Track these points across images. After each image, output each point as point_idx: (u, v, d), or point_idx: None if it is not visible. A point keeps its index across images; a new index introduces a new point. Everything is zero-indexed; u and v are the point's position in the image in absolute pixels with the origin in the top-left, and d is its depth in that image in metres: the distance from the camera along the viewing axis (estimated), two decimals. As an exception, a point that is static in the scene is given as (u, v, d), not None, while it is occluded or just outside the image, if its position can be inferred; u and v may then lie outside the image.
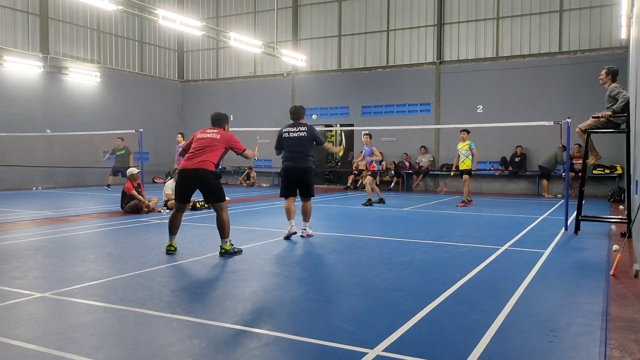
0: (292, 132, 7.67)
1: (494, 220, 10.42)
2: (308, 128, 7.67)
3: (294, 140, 7.64)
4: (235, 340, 3.51)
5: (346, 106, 20.68)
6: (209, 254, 6.51)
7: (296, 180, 7.69)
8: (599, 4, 16.86)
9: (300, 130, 7.65)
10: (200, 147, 6.47)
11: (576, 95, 16.68)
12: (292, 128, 7.73)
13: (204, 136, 6.58)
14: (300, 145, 7.61)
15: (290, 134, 7.67)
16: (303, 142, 7.61)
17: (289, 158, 7.70)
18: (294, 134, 7.66)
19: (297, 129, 7.69)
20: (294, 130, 7.68)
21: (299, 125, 7.73)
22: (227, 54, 23.42)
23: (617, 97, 7.70)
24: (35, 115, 18.44)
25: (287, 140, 7.69)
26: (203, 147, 6.46)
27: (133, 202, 10.92)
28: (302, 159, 7.63)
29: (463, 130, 13.49)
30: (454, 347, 3.40)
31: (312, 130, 7.68)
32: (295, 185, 7.74)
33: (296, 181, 7.70)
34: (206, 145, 6.47)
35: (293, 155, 7.65)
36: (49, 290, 4.71)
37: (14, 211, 11.35)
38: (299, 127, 7.70)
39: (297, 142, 7.61)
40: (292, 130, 7.70)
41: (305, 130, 7.63)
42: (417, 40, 19.68)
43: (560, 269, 5.89)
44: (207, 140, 6.51)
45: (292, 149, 7.64)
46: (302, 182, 7.70)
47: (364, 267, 5.86)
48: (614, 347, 3.42)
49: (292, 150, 7.65)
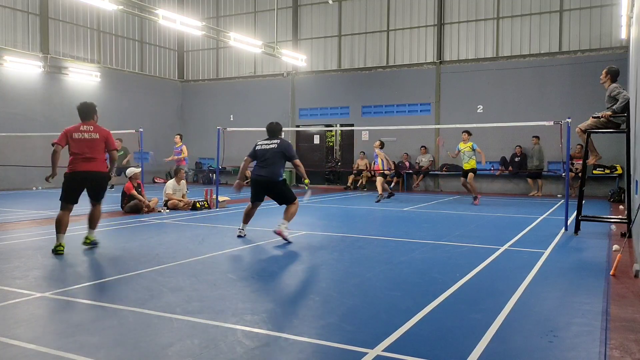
0: (265, 145, 7.78)
1: (494, 220, 10.42)
2: (281, 142, 7.79)
3: (265, 151, 7.72)
4: (235, 340, 3.51)
5: (346, 106, 20.68)
6: (209, 254, 6.51)
7: (266, 190, 7.76)
8: (599, 4, 16.86)
9: (273, 143, 7.78)
10: None
11: (576, 95, 16.68)
12: (266, 141, 7.88)
13: None
14: (271, 157, 7.67)
15: (263, 146, 7.79)
16: (274, 155, 7.68)
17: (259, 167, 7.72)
18: (266, 146, 7.76)
19: (271, 141, 7.83)
20: (267, 143, 7.81)
21: (273, 139, 7.89)
22: (227, 54, 23.43)
23: (617, 97, 7.71)
24: (35, 115, 18.44)
25: (260, 152, 7.77)
26: None
27: (133, 202, 10.92)
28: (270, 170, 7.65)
29: (465, 131, 13.61)
30: (454, 346, 3.40)
31: (284, 145, 7.79)
32: (263, 193, 7.82)
33: (266, 190, 7.77)
34: None
35: (262, 165, 7.68)
36: (49, 290, 4.71)
37: (14, 211, 11.35)
38: (272, 140, 7.85)
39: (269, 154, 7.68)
40: (265, 143, 7.83)
41: (277, 144, 7.74)
42: (417, 40, 19.68)
43: (560, 269, 5.89)
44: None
45: (262, 160, 7.69)
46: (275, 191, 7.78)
47: (364, 267, 5.85)
48: (614, 347, 3.42)
49: (262, 160, 7.70)
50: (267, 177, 7.60)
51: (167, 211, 11.17)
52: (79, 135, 6.72)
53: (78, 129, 6.78)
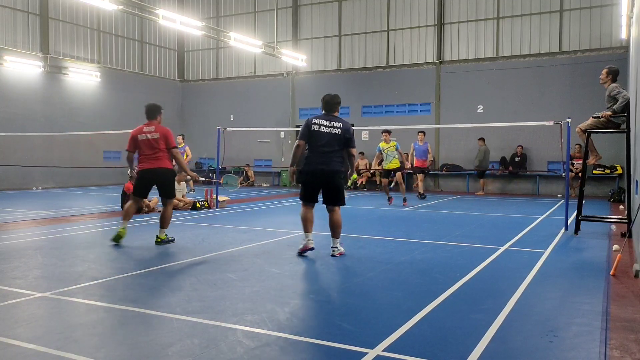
0: (324, 127, 6.33)
1: (494, 220, 10.42)
2: (344, 125, 6.42)
3: (325, 136, 6.31)
4: (235, 340, 3.51)
5: (346, 106, 20.62)
6: (209, 254, 6.51)
7: (321, 184, 6.44)
8: (599, 4, 16.86)
9: (335, 127, 6.35)
10: None
11: (576, 95, 16.68)
12: (324, 121, 6.39)
13: None
14: (330, 144, 6.32)
15: (322, 127, 6.33)
16: (334, 141, 6.33)
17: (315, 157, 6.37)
18: (326, 128, 6.33)
19: (331, 123, 6.36)
20: (326, 125, 6.35)
21: (332, 120, 6.40)
22: (227, 53, 23.42)
23: (617, 97, 7.70)
24: (36, 115, 18.44)
25: (317, 135, 6.31)
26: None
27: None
28: (330, 160, 6.35)
29: (385, 131, 13.16)
30: (454, 346, 3.40)
31: (347, 129, 6.42)
32: (318, 189, 6.49)
33: (321, 185, 6.45)
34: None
35: (320, 154, 6.33)
36: (49, 290, 4.71)
37: (14, 211, 11.35)
38: (333, 121, 6.38)
39: (329, 139, 6.31)
40: (325, 123, 6.36)
41: (340, 127, 6.37)
42: (417, 40, 19.68)
43: (560, 269, 5.89)
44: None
45: (321, 147, 6.31)
46: (330, 187, 6.42)
47: (364, 267, 5.85)
48: (614, 347, 3.42)
49: (320, 148, 6.32)
50: (325, 169, 6.29)
51: (167, 211, 11.16)
52: (142, 137, 7.19)
53: (141, 131, 7.23)
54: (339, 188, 6.45)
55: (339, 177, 6.45)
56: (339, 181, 6.45)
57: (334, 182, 6.40)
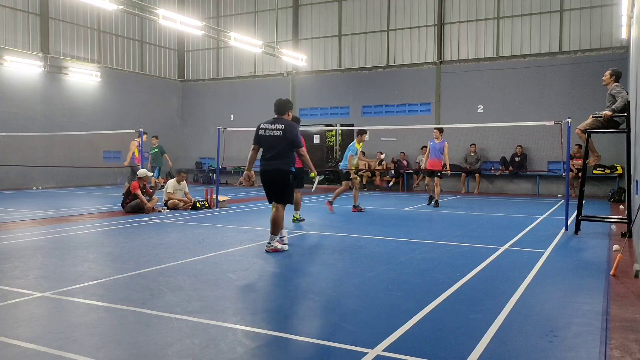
0: (269, 130, 6.71)
1: (494, 220, 10.41)
2: (286, 126, 6.68)
3: (269, 139, 6.70)
4: (235, 340, 3.51)
5: (346, 106, 20.68)
6: (209, 254, 6.51)
7: (270, 183, 6.80)
8: (600, 4, 16.85)
9: (277, 128, 6.66)
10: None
11: (576, 95, 16.68)
12: (269, 125, 6.76)
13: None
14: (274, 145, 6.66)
15: (267, 131, 6.72)
16: (277, 142, 6.64)
17: (264, 159, 6.77)
18: (270, 132, 6.69)
19: (274, 125, 6.70)
20: (270, 128, 6.72)
21: (277, 122, 6.74)
22: (228, 53, 23.43)
23: (617, 97, 7.71)
24: (36, 115, 18.45)
25: (263, 139, 6.74)
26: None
27: (135, 202, 10.94)
28: (275, 161, 6.65)
29: (361, 132, 12.04)
30: (454, 347, 3.40)
31: (290, 129, 6.66)
32: (270, 188, 6.84)
33: (270, 184, 6.81)
34: None
35: (267, 156, 6.73)
36: (49, 289, 4.71)
37: (14, 211, 11.35)
38: (277, 123, 6.72)
39: (272, 141, 6.68)
40: (269, 127, 6.73)
41: (282, 129, 6.64)
42: (417, 40, 19.68)
43: (560, 269, 5.89)
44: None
45: (267, 149, 6.71)
46: (275, 185, 6.77)
47: (364, 267, 5.85)
48: (614, 347, 3.41)
49: (267, 150, 6.72)
50: (269, 169, 6.67)
51: (168, 211, 11.17)
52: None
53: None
54: (284, 187, 6.74)
55: (283, 176, 6.68)
56: (284, 180, 6.70)
57: (278, 181, 6.71)
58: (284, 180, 6.69)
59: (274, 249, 6.69)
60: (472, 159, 17.82)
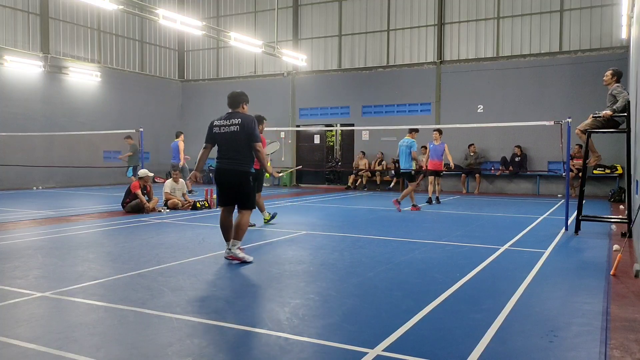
0: (224, 127, 6.06)
1: (494, 220, 10.41)
2: (243, 119, 6.02)
3: (224, 135, 6.04)
4: (235, 340, 3.51)
5: (346, 106, 20.68)
6: (209, 254, 6.51)
7: (227, 184, 6.13)
8: (600, 4, 16.85)
9: (233, 124, 6.01)
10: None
11: (576, 95, 16.68)
12: (224, 121, 6.10)
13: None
14: (231, 143, 6.01)
15: (222, 128, 6.07)
16: (235, 139, 5.99)
17: (220, 158, 6.13)
18: (225, 128, 6.04)
19: (230, 121, 6.05)
20: (226, 124, 6.06)
21: (232, 117, 6.08)
22: (228, 53, 23.43)
23: (618, 97, 7.71)
24: (36, 115, 18.45)
25: (218, 137, 6.09)
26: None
27: (135, 202, 10.94)
28: (232, 160, 6.02)
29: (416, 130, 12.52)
30: (454, 346, 3.40)
31: (248, 123, 6.01)
32: (227, 190, 6.15)
33: (227, 185, 6.13)
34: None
35: (224, 155, 6.08)
36: (49, 289, 4.71)
37: (14, 211, 11.35)
38: (232, 118, 6.06)
39: (228, 138, 6.02)
40: (224, 123, 6.07)
41: (239, 123, 5.99)
42: (417, 40, 19.68)
43: (560, 268, 5.89)
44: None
45: (224, 148, 6.08)
46: (233, 188, 6.09)
47: (364, 267, 5.85)
48: (614, 347, 3.41)
49: (222, 148, 6.10)
50: (227, 168, 6.03)
51: (168, 211, 11.18)
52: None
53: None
54: (243, 189, 6.05)
55: (242, 178, 6.02)
56: (244, 183, 6.03)
57: (237, 184, 6.04)
58: (244, 183, 6.02)
59: (234, 256, 5.92)
60: (472, 158, 17.80)
